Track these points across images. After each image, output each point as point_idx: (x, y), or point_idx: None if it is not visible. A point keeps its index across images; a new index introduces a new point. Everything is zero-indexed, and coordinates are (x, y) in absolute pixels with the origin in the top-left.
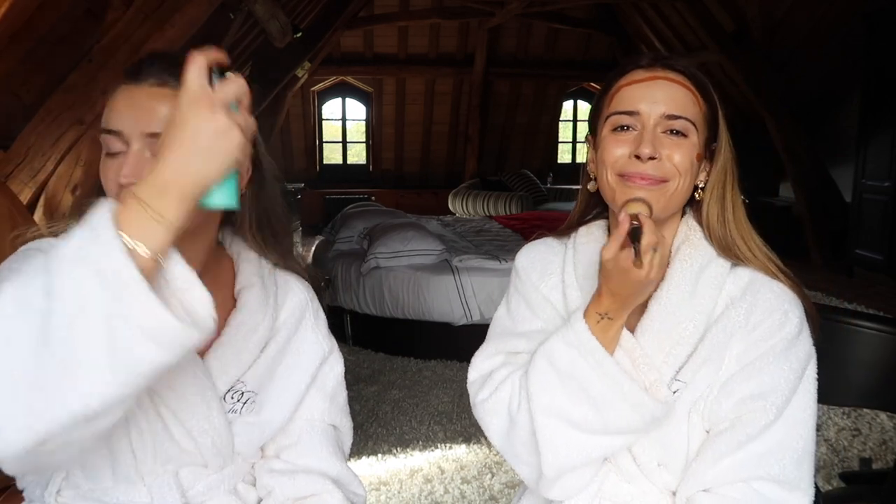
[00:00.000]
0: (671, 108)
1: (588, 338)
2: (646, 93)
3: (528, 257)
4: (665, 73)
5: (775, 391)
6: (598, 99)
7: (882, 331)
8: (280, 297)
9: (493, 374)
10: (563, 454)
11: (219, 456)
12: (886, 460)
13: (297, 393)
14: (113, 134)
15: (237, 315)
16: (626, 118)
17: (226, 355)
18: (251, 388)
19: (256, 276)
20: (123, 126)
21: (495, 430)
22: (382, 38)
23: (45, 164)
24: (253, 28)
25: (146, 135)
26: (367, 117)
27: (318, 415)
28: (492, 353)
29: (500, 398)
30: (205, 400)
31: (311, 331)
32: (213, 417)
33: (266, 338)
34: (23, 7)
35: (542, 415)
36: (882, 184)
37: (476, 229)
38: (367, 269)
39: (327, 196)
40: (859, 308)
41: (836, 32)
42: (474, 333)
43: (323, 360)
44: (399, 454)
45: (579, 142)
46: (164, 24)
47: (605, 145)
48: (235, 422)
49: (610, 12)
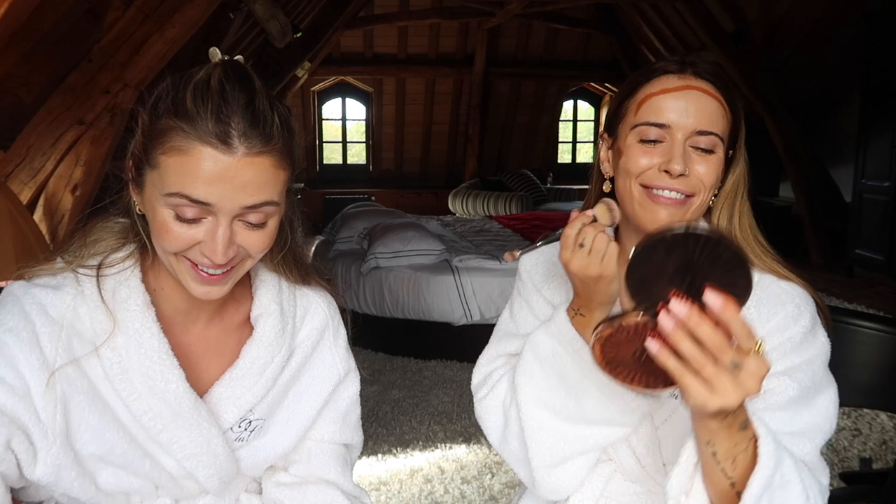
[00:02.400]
0: (702, 124)
1: (567, 328)
2: (676, 104)
3: (532, 261)
4: (697, 82)
5: (800, 370)
6: (622, 101)
7: (882, 331)
8: (299, 317)
9: (493, 374)
10: (548, 444)
11: (221, 484)
12: (886, 460)
13: (308, 417)
14: (199, 204)
15: (252, 347)
16: (656, 130)
17: (239, 388)
18: (259, 416)
19: (275, 303)
20: (214, 198)
21: (493, 429)
22: (382, 38)
23: (44, 164)
24: (253, 28)
25: (240, 208)
26: (367, 117)
27: (328, 436)
28: (493, 357)
29: (495, 395)
30: (210, 448)
31: (328, 351)
32: (218, 461)
33: (281, 367)
34: (23, 7)
35: (526, 405)
36: (882, 184)
37: (476, 229)
38: (367, 269)
39: (327, 196)
40: (859, 308)
41: (836, 32)
42: (474, 333)
43: (338, 383)
44: (399, 454)
45: (579, 142)
46: (164, 24)
47: (631, 154)
48: (241, 448)
49: (610, 12)
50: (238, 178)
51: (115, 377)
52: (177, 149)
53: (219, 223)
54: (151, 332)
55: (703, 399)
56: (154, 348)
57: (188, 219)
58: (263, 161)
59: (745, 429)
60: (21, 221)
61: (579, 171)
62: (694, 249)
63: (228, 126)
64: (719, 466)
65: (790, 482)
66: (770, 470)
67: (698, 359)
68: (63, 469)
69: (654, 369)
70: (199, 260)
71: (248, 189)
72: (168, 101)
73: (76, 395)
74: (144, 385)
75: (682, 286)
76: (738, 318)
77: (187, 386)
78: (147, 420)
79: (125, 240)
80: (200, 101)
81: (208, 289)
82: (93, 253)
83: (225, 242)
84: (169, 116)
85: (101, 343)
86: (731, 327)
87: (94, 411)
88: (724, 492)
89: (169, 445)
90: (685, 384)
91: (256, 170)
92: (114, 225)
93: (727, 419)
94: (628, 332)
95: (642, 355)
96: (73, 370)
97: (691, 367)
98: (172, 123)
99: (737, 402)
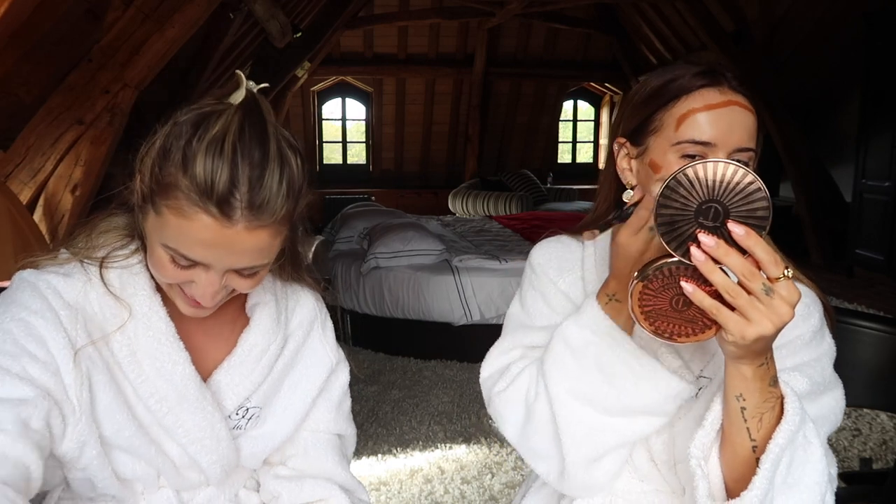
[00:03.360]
0: (743, 140)
1: (602, 317)
2: (720, 121)
3: (544, 254)
4: (736, 97)
5: (809, 366)
6: (654, 112)
7: (882, 331)
8: (290, 308)
9: (511, 367)
10: (585, 438)
11: (223, 473)
12: (886, 460)
13: (304, 405)
14: (194, 265)
15: (250, 334)
16: (699, 148)
17: (238, 375)
18: (256, 404)
19: (270, 293)
20: (210, 261)
21: (511, 423)
22: (382, 38)
23: (44, 164)
24: (253, 28)
25: (234, 268)
26: (367, 117)
27: (323, 426)
28: (508, 348)
29: (517, 388)
30: (214, 432)
31: (319, 342)
32: (221, 447)
33: (277, 355)
34: (23, 7)
35: (560, 399)
36: (882, 184)
37: (476, 229)
38: (367, 269)
39: (327, 196)
40: (859, 308)
41: (836, 32)
42: (474, 333)
43: (330, 372)
44: (399, 454)
45: (579, 142)
46: (164, 24)
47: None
48: (240, 437)
49: (610, 12)
50: (236, 247)
51: (124, 360)
52: (179, 210)
53: (211, 275)
54: (159, 315)
55: (742, 329)
56: (162, 331)
57: (183, 265)
58: (262, 233)
59: (775, 385)
60: (21, 221)
61: (579, 171)
62: (713, 183)
63: (233, 198)
64: (745, 425)
65: (812, 444)
66: (795, 426)
67: (732, 288)
68: (87, 445)
69: (692, 316)
70: (190, 292)
71: (244, 256)
72: (180, 151)
73: (95, 374)
74: (152, 367)
75: (707, 221)
76: (763, 244)
77: (193, 369)
78: (153, 403)
79: (130, 236)
80: (210, 167)
81: (196, 311)
82: (99, 245)
83: (215, 291)
84: (177, 170)
85: (117, 329)
86: (756, 254)
87: (108, 392)
88: (744, 458)
89: (174, 429)
90: (723, 319)
91: (255, 240)
92: (119, 220)
93: (762, 367)
94: (664, 277)
95: (679, 301)
96: (92, 350)
97: (726, 300)
98: (179, 181)
99: (774, 330)
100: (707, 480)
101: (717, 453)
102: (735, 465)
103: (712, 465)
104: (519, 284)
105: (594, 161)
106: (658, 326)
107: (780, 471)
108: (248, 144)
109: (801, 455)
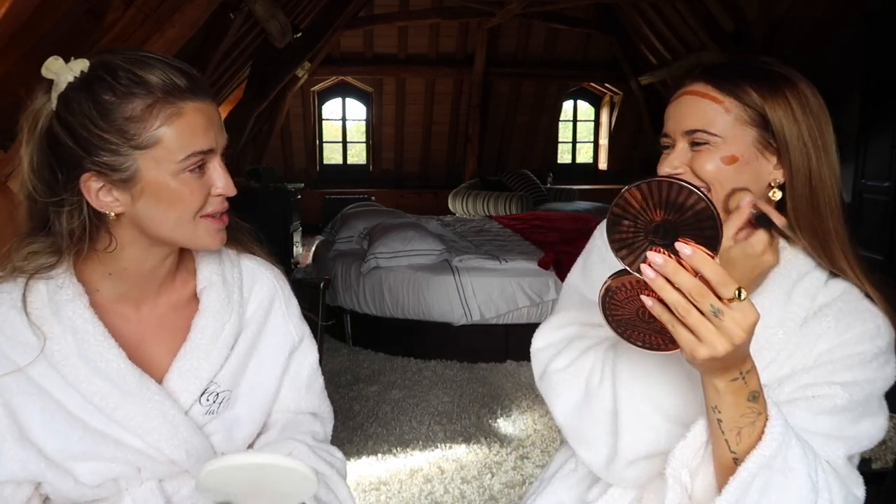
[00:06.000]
0: (690, 124)
1: None
2: (675, 112)
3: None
4: (693, 86)
5: (857, 385)
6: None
7: None
8: (247, 288)
9: (573, 344)
10: (646, 439)
11: (198, 462)
12: (886, 460)
13: (271, 384)
14: (205, 159)
15: (200, 318)
16: (665, 139)
17: (195, 360)
18: (225, 388)
19: (216, 274)
20: (212, 142)
21: (564, 402)
22: (382, 38)
23: None
24: (253, 28)
25: (221, 147)
26: (367, 117)
27: (293, 405)
28: (563, 324)
29: (579, 367)
30: (167, 420)
31: (281, 318)
32: (180, 433)
33: (235, 335)
34: (23, 7)
35: (631, 400)
36: (882, 184)
37: (476, 229)
38: (367, 269)
39: (327, 196)
40: None
41: (836, 32)
42: (474, 333)
43: (293, 349)
44: (399, 454)
45: (579, 142)
46: (164, 24)
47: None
48: (212, 422)
49: (610, 12)
50: (214, 120)
51: (60, 364)
52: (172, 114)
53: (219, 160)
54: (84, 317)
55: (692, 347)
56: (89, 332)
57: (199, 169)
58: (216, 107)
59: (755, 401)
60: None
61: (579, 171)
62: (662, 202)
63: (191, 79)
64: (724, 437)
65: (793, 470)
66: (771, 451)
67: (681, 305)
68: (30, 462)
69: (660, 327)
70: (214, 209)
71: (221, 132)
72: (122, 86)
73: (14, 397)
74: (87, 367)
75: (657, 239)
76: (711, 264)
77: (129, 364)
78: (98, 400)
79: (57, 254)
80: (160, 69)
81: (223, 233)
82: (25, 265)
83: (228, 175)
84: (138, 96)
85: (39, 353)
86: (705, 274)
87: (35, 409)
88: (727, 466)
89: (126, 422)
90: (676, 334)
91: (218, 113)
92: (38, 244)
93: (735, 381)
94: (626, 289)
95: (645, 313)
96: (10, 379)
97: (677, 316)
98: (150, 98)
99: (724, 351)
100: (679, 489)
101: (709, 468)
102: (719, 473)
103: (699, 479)
104: (584, 253)
105: (594, 161)
106: (630, 335)
107: (752, 494)
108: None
109: (778, 480)
